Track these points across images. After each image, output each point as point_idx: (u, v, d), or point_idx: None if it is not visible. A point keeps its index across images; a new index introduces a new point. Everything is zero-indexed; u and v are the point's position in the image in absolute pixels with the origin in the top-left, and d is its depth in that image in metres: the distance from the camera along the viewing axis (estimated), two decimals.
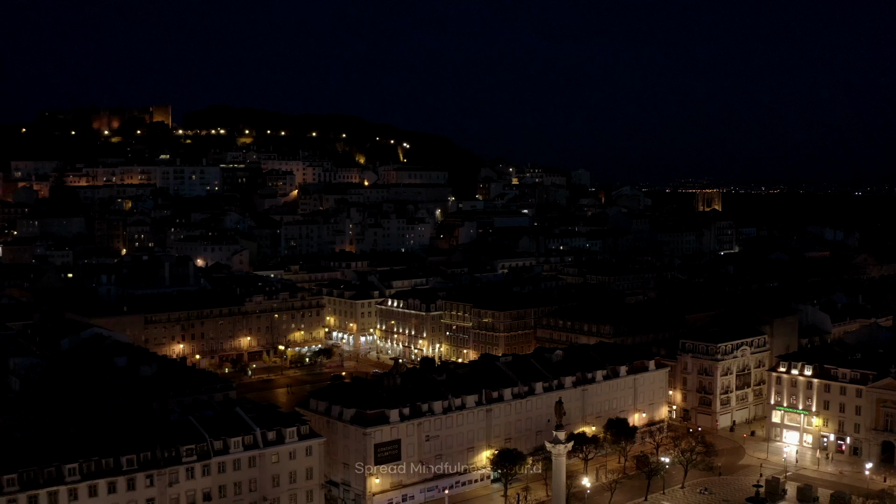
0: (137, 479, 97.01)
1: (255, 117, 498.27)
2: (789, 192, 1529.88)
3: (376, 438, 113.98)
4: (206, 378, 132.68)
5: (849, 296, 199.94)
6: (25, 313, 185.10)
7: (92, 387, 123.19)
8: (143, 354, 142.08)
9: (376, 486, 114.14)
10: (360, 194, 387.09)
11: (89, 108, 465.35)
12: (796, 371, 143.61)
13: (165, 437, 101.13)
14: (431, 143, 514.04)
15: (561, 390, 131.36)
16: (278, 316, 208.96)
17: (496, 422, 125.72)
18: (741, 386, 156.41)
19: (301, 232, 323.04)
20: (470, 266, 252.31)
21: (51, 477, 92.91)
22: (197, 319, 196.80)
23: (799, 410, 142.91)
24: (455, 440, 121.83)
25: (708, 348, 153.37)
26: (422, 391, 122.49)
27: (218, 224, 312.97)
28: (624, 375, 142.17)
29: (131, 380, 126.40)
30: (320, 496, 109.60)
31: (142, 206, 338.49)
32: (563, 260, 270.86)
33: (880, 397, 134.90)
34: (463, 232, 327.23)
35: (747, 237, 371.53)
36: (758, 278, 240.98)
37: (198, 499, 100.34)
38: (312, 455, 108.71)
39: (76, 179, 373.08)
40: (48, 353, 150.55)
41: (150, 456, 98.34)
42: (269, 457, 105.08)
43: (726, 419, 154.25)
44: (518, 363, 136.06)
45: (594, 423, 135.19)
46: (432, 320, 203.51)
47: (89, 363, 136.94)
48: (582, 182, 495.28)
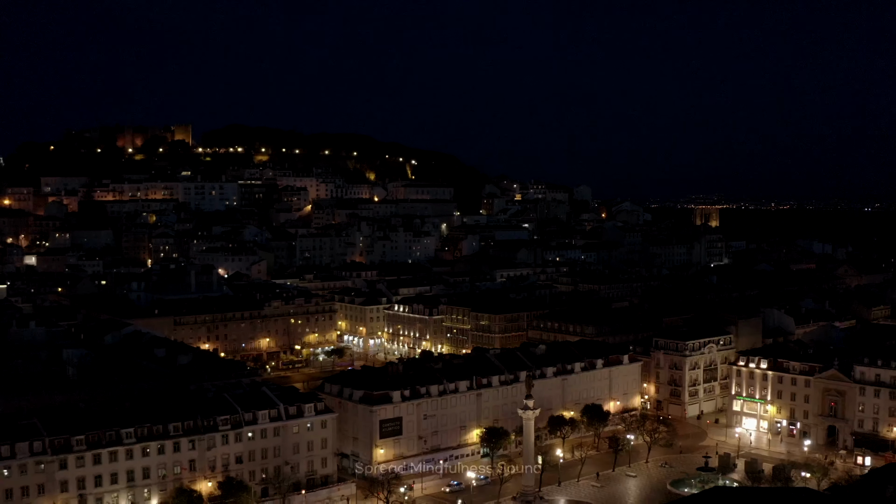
0: (182, 443, 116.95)
1: (271, 136, 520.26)
2: (798, 208, 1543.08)
3: (381, 416, 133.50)
4: (235, 366, 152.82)
5: (817, 302, 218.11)
6: (68, 315, 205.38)
7: (137, 372, 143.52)
8: (179, 346, 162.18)
9: (381, 457, 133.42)
10: (369, 209, 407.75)
11: (114, 126, 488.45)
12: (754, 365, 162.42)
13: (204, 409, 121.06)
14: (438, 161, 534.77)
15: (543, 379, 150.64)
16: (294, 320, 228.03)
17: (485, 404, 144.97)
18: (708, 379, 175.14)
19: (315, 244, 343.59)
20: (471, 275, 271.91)
21: (111, 439, 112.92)
22: (221, 322, 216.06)
23: (756, 399, 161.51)
24: (449, 419, 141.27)
25: (677, 345, 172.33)
26: (421, 377, 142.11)
27: (237, 237, 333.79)
28: (600, 368, 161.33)
29: (170, 367, 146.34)
30: (333, 463, 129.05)
31: (165, 219, 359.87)
32: (559, 270, 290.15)
33: (825, 387, 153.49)
34: (466, 244, 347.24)
35: (737, 250, 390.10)
36: (739, 287, 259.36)
37: (231, 461, 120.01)
38: (327, 428, 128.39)
39: (103, 194, 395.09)
40: (94, 347, 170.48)
41: (191, 424, 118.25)
42: (291, 428, 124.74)
43: (695, 409, 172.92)
44: (506, 355, 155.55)
45: (573, 408, 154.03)
46: (435, 323, 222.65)
47: (132, 354, 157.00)
48: (583, 198, 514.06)
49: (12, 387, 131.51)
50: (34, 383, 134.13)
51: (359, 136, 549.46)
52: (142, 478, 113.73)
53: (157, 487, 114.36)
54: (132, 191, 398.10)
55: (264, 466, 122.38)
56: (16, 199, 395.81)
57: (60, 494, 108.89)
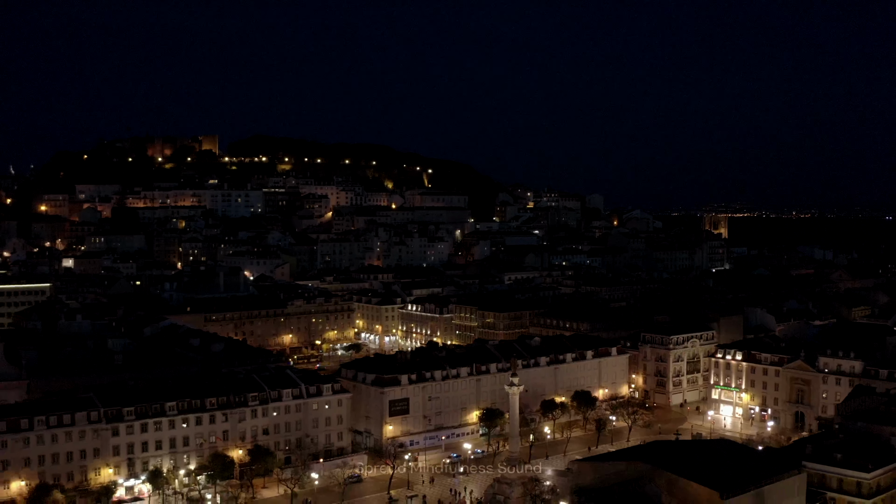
0: (216, 415, 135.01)
1: (294, 146, 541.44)
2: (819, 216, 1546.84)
3: (390, 396, 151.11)
4: (262, 353, 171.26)
5: (801, 303, 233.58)
6: (108, 311, 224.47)
7: (175, 358, 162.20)
8: (212, 337, 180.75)
9: (390, 433, 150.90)
10: (387, 216, 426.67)
11: (144, 136, 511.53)
12: (730, 357, 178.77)
13: (236, 387, 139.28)
14: (454, 170, 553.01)
15: (536, 367, 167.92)
16: (315, 318, 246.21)
17: (483, 388, 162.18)
18: (691, 371, 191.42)
19: (335, 249, 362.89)
20: (480, 278, 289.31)
21: (156, 411, 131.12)
22: (247, 319, 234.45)
23: (732, 388, 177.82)
24: (451, 401, 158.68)
25: (663, 339, 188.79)
26: (427, 363, 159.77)
27: (262, 241, 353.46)
28: (590, 358, 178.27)
29: (205, 354, 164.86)
30: (348, 437, 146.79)
31: (194, 225, 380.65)
32: (564, 273, 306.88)
33: (793, 376, 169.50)
34: (478, 249, 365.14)
35: (738, 255, 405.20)
36: (733, 290, 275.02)
37: (259, 432, 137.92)
38: (342, 406, 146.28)
39: (135, 201, 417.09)
40: (134, 338, 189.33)
41: (225, 400, 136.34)
42: (311, 405, 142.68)
43: (678, 397, 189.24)
44: (503, 346, 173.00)
45: (564, 394, 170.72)
46: (445, 321, 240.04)
47: (170, 344, 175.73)
48: (595, 206, 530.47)
49: (67, 368, 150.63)
50: (86, 366, 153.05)
51: (378, 146, 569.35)
52: (182, 445, 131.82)
53: (195, 453, 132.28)
54: (162, 198, 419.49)
55: (287, 438, 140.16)
56: (52, 205, 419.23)
57: (113, 458, 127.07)
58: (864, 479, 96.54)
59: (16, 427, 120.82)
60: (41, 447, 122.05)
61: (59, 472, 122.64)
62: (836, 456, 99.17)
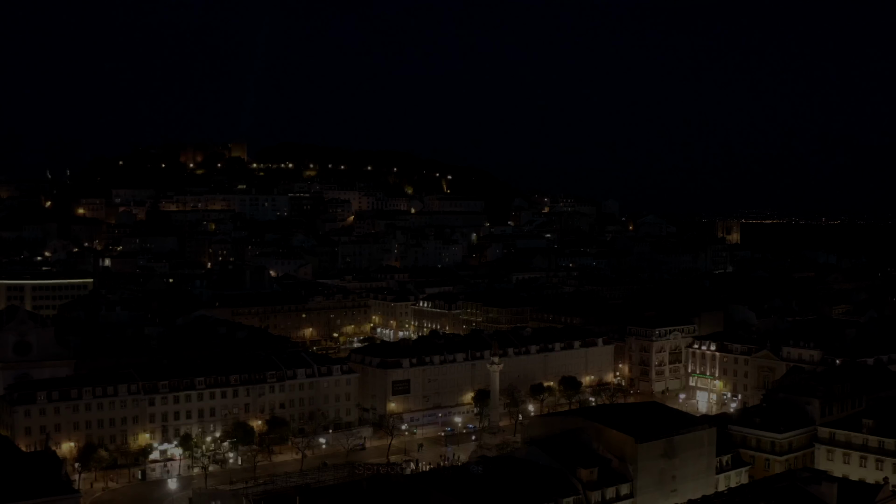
0: (239, 390, 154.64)
1: (319, 153, 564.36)
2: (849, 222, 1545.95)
3: (393, 377, 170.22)
4: (281, 340, 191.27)
5: (784, 301, 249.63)
6: (145, 305, 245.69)
7: (204, 342, 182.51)
8: (237, 326, 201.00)
9: (393, 409, 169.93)
10: (406, 220, 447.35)
11: (176, 143, 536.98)
12: (706, 347, 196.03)
13: (256, 366, 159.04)
14: (473, 176, 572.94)
15: (527, 355, 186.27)
16: (333, 314, 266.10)
17: (478, 372, 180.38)
18: (673, 361, 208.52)
19: (355, 250, 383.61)
20: (490, 278, 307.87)
21: (187, 385, 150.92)
22: (271, 313, 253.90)
23: (707, 376, 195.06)
24: (448, 383, 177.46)
25: (647, 332, 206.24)
26: (427, 349, 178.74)
27: (287, 243, 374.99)
28: (577, 348, 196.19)
29: (230, 340, 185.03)
30: (355, 413, 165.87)
31: (223, 227, 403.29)
32: (570, 274, 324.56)
33: (761, 364, 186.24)
34: (491, 252, 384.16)
35: (742, 258, 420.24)
36: (729, 290, 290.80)
37: (276, 406, 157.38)
38: (351, 385, 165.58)
39: (168, 205, 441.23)
40: (168, 327, 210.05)
41: (247, 377, 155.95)
42: (322, 382, 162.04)
43: (661, 385, 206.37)
44: (497, 335, 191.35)
45: (552, 380, 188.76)
46: (453, 316, 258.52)
47: (199, 331, 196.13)
48: (610, 211, 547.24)
49: (109, 350, 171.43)
50: (125, 349, 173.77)
51: (400, 153, 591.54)
52: (209, 415, 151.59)
53: (220, 422, 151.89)
54: (194, 202, 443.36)
55: (301, 411, 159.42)
56: (89, 208, 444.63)
57: (149, 425, 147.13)
58: (776, 439, 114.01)
59: (66, 396, 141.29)
60: (88, 413, 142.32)
61: (103, 434, 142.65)
62: (755, 420, 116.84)
